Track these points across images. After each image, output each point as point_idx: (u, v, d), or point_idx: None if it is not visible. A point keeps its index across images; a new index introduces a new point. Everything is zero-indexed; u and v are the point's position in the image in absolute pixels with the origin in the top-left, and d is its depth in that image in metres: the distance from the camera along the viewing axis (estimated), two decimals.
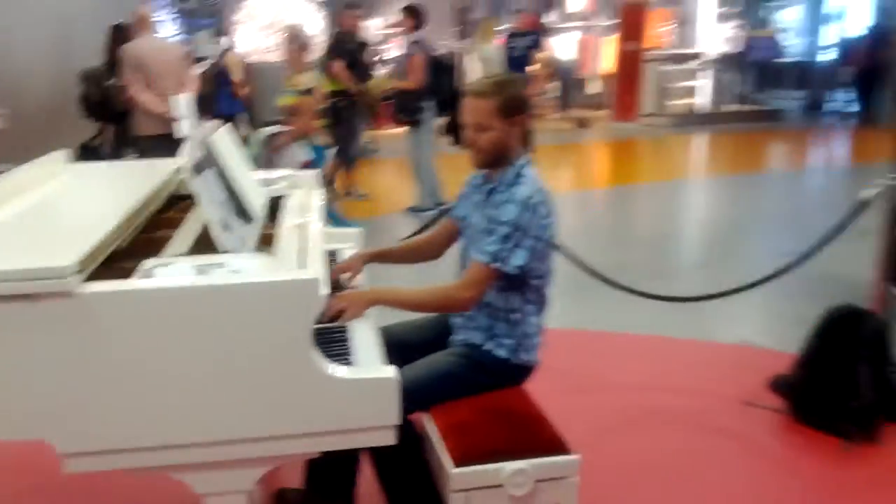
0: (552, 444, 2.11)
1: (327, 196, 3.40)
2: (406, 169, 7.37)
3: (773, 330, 4.29)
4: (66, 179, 2.60)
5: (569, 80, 15.35)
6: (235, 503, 1.77)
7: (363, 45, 7.75)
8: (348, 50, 7.39)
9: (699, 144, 12.15)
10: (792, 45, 15.75)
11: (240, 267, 1.77)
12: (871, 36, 13.64)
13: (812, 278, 4.51)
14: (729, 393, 3.53)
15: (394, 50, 13.16)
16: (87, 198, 2.45)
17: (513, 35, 9.98)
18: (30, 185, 2.38)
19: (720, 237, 6.58)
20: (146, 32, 5.77)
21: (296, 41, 5.53)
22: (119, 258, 1.94)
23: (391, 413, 1.77)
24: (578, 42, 15.52)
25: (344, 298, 2.20)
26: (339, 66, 7.24)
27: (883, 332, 3.29)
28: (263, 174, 2.90)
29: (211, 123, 2.55)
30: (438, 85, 6.83)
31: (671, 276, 5.30)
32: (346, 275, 2.50)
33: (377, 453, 2.22)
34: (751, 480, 2.91)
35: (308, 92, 5.32)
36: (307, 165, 4.81)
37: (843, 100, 14.57)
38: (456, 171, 7.64)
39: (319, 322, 1.97)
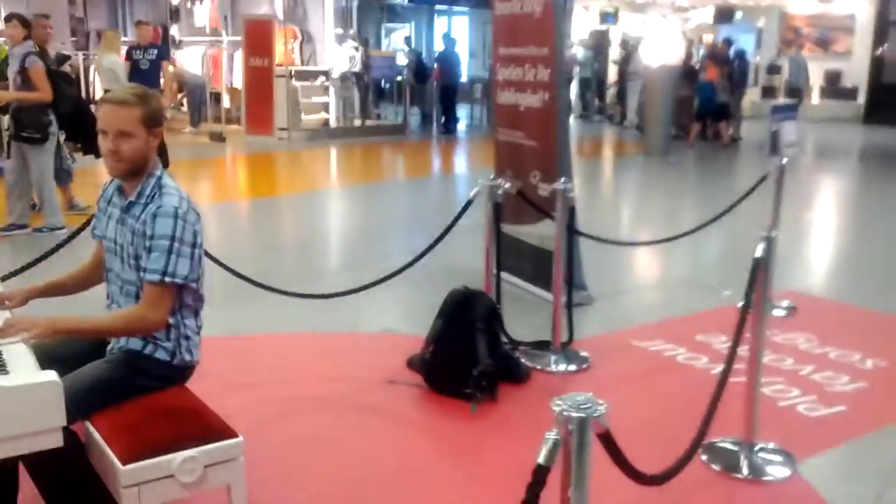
0: (216, 431, 2.26)
1: None
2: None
3: (409, 317, 4.80)
4: None
5: (199, 94, 15.17)
6: None
7: (63, 58, 7.10)
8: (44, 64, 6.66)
9: (331, 157, 12.81)
10: (404, 65, 17.25)
11: None
12: (441, 59, 15.79)
13: (437, 270, 5.13)
14: (374, 375, 3.92)
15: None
16: None
17: (136, 48, 9.70)
18: None
19: (358, 241, 7.12)
20: None
21: None
22: None
23: (57, 416, 1.81)
24: (207, 56, 15.40)
25: (27, 322, 2.16)
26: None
27: (494, 309, 3.91)
28: None
29: None
30: (60, 96, 6.46)
31: (316, 278, 5.63)
32: (6, 304, 2.41)
33: (38, 466, 2.19)
34: (396, 443, 3.32)
35: None
36: None
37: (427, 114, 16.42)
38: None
39: None
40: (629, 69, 16.40)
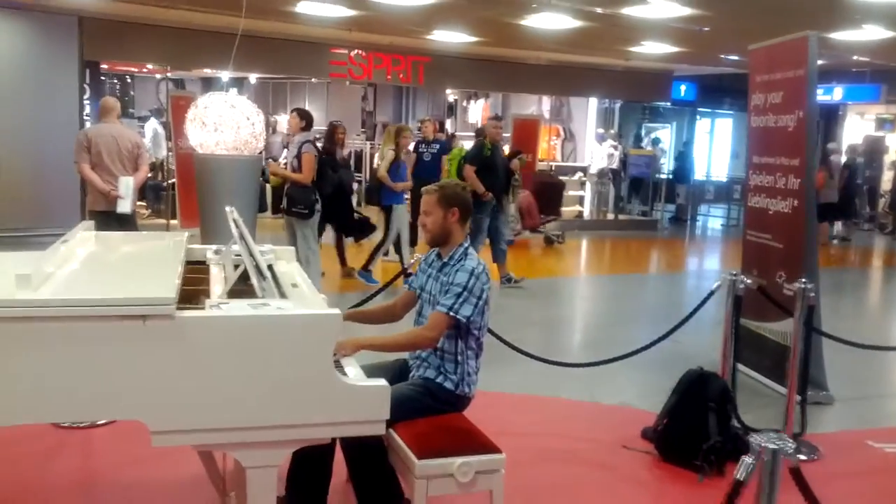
0: (486, 446, 2.92)
1: None
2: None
3: (645, 395, 5.20)
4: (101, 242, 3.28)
5: None
6: (270, 474, 2.46)
7: (503, 155, 9.12)
8: (481, 157, 8.53)
9: (582, 247, 13.44)
10: (664, 164, 17.66)
11: (281, 305, 2.51)
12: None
13: (676, 356, 5.49)
14: (611, 440, 4.40)
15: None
16: (135, 255, 3.13)
17: (422, 142, 10.96)
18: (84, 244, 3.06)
19: (599, 325, 7.60)
20: (106, 118, 6.41)
21: None
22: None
23: (384, 410, 2.53)
24: None
25: (337, 346, 2.94)
26: (469, 170, 8.41)
27: (727, 391, 4.25)
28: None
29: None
30: (325, 180, 7.67)
31: (560, 352, 6.18)
32: None
33: (355, 454, 2.95)
34: (628, 499, 3.76)
35: None
36: None
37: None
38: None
39: None
40: None
